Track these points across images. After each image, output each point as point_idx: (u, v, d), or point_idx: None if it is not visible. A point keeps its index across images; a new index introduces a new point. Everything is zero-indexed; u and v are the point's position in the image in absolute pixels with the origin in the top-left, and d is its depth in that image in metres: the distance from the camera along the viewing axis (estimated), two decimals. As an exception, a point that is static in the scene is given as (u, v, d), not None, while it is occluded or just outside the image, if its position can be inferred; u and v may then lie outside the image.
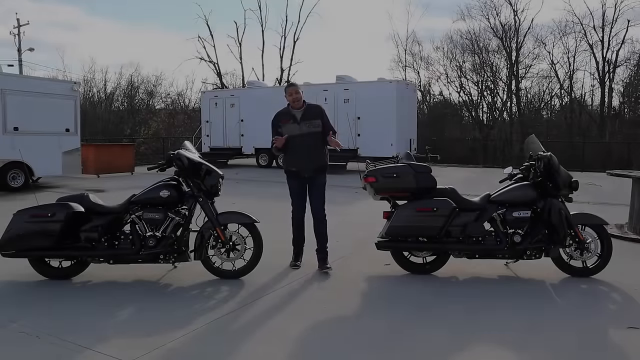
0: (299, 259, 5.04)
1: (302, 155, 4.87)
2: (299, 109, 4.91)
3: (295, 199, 5.03)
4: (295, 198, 5.03)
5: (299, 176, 4.92)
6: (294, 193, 5.02)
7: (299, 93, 4.91)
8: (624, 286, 4.47)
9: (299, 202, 5.02)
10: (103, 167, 14.99)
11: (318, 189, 4.97)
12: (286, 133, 4.83)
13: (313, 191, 4.97)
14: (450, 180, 11.08)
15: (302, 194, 5.00)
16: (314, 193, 4.97)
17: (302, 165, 4.89)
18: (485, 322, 3.68)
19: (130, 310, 3.91)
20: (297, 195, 5.01)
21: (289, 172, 5.00)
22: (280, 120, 4.95)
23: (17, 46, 30.08)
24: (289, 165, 4.97)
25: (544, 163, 4.58)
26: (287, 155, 5.01)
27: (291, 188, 5.04)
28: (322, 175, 5.01)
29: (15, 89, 11.42)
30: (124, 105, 33.53)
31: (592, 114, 28.18)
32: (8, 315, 3.74)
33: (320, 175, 4.99)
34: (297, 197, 5.01)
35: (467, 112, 30.98)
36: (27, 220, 4.42)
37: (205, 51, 35.41)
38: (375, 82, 17.21)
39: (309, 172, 4.90)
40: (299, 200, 5.01)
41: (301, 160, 4.88)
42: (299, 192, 5.00)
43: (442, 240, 4.63)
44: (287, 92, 4.94)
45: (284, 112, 5.00)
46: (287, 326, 3.58)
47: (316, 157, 4.93)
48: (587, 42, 26.79)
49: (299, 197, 5.01)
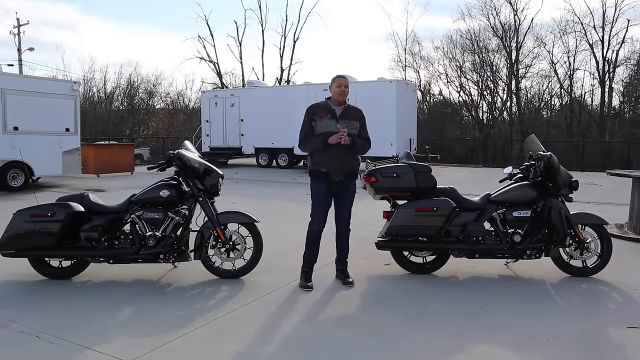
0: (309, 279, 4.45)
1: (336, 155, 4.27)
2: (340, 106, 4.43)
3: (318, 207, 4.40)
4: (318, 206, 4.40)
5: (328, 179, 4.33)
6: (319, 200, 4.39)
7: (347, 87, 4.42)
8: (624, 286, 4.47)
9: (322, 212, 4.40)
10: (103, 167, 15.00)
11: (348, 197, 4.46)
12: (321, 128, 4.30)
13: (342, 199, 4.45)
14: (450, 180, 11.11)
15: (327, 203, 4.42)
16: (344, 201, 4.46)
17: (334, 167, 4.30)
18: (485, 322, 3.68)
19: (130, 309, 3.91)
20: (321, 203, 4.39)
21: (317, 173, 4.38)
22: (317, 112, 4.38)
23: (17, 46, 30.13)
24: (319, 165, 4.34)
25: (544, 163, 4.58)
26: (316, 155, 4.37)
27: (316, 194, 4.41)
28: (353, 183, 4.47)
29: (15, 88, 11.42)
30: (124, 105, 33.55)
31: (592, 113, 28.18)
32: (8, 315, 3.74)
33: (351, 182, 4.45)
34: (321, 205, 4.39)
35: (467, 111, 30.98)
36: (27, 220, 4.42)
37: (205, 51, 35.52)
38: (375, 82, 17.22)
39: (339, 176, 4.33)
40: (322, 209, 4.40)
41: (333, 162, 4.29)
42: (325, 200, 4.40)
43: (442, 240, 4.64)
44: (336, 82, 4.40)
45: (321, 104, 4.47)
46: (287, 326, 3.58)
47: (349, 161, 4.36)
48: (587, 42, 26.84)
49: (323, 206, 4.39)
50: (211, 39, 33.63)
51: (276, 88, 24.30)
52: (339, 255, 4.60)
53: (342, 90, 4.38)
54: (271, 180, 14.31)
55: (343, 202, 4.48)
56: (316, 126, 4.33)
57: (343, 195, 4.45)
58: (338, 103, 4.43)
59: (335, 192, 4.42)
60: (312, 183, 4.46)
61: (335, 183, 4.36)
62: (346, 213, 4.51)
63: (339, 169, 4.33)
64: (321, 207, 4.40)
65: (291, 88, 22.77)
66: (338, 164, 4.31)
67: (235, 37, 34.37)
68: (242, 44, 33.37)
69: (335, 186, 4.39)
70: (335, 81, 4.42)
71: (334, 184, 4.37)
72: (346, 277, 4.52)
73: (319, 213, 4.41)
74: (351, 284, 4.45)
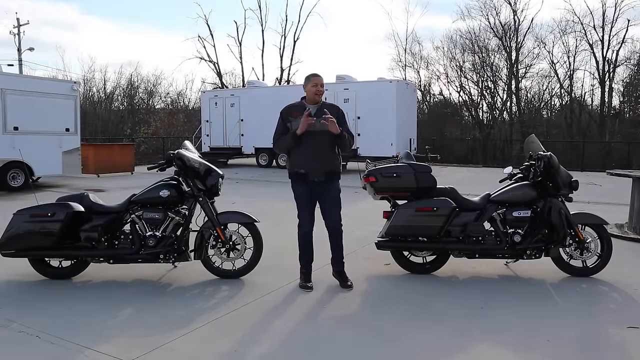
0: (309, 279, 4.41)
1: (312, 155, 4.19)
2: (316, 104, 4.34)
3: (302, 209, 4.34)
4: (302, 208, 4.33)
5: (307, 180, 4.26)
6: (301, 202, 4.32)
7: (323, 86, 4.33)
8: (624, 286, 4.47)
9: (307, 213, 4.32)
10: (103, 167, 15.00)
11: (332, 197, 4.32)
12: (296, 128, 4.20)
13: (326, 200, 4.33)
14: (450, 180, 11.10)
15: (311, 203, 4.32)
16: (328, 201, 4.33)
17: (311, 167, 4.21)
18: (485, 321, 3.68)
19: (130, 310, 3.91)
20: (305, 205, 4.31)
21: (296, 175, 4.31)
22: (292, 113, 4.30)
23: (17, 46, 30.14)
24: (296, 166, 4.28)
25: (544, 163, 4.58)
26: (293, 155, 4.30)
27: (298, 196, 4.34)
28: (336, 182, 4.36)
29: (15, 88, 11.42)
30: (124, 104, 33.55)
31: (592, 113, 28.17)
32: (8, 315, 3.74)
33: (333, 182, 4.33)
34: (305, 206, 4.32)
35: (467, 111, 30.97)
36: (27, 220, 4.42)
37: (205, 51, 35.49)
38: (375, 82, 17.22)
39: (319, 176, 4.23)
40: (307, 210, 4.32)
41: (311, 162, 4.21)
42: (308, 201, 4.30)
43: (442, 240, 4.64)
44: (312, 81, 4.29)
45: (297, 105, 4.38)
46: (287, 326, 3.58)
47: (328, 160, 4.26)
48: (587, 42, 26.79)
49: (307, 207, 4.31)
50: (211, 39, 33.66)
51: (276, 88, 24.28)
52: (334, 255, 4.49)
53: (317, 89, 4.29)
54: (271, 180, 14.31)
55: (328, 203, 4.34)
56: (291, 127, 4.24)
57: (326, 196, 4.33)
58: (313, 102, 4.33)
59: (317, 193, 4.31)
60: (292, 185, 4.38)
61: (316, 184, 4.26)
62: (334, 214, 4.36)
63: (317, 168, 4.22)
64: (305, 209, 4.33)
65: (291, 88, 22.75)
66: (316, 163, 4.21)
67: (235, 37, 34.38)
68: (242, 44, 33.40)
69: (316, 187, 4.28)
70: (311, 80, 4.30)
71: (315, 184, 4.26)
72: (345, 281, 4.41)
73: (304, 215, 4.35)
74: (350, 287, 4.37)
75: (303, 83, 4.42)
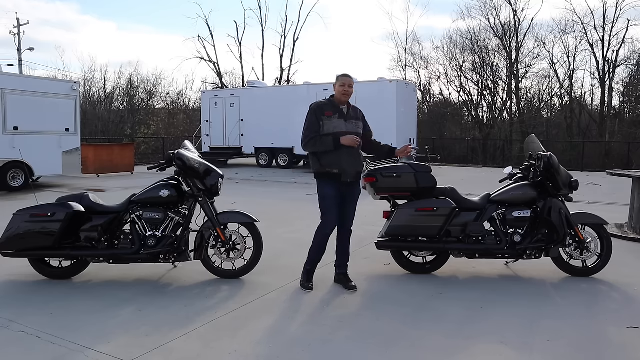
0: (310, 279, 4.41)
1: (347, 155, 4.18)
2: (343, 104, 4.32)
3: (330, 210, 4.26)
4: (331, 209, 4.25)
5: (340, 180, 4.22)
6: (331, 202, 4.24)
7: (352, 87, 4.31)
8: (624, 286, 4.47)
9: (335, 214, 4.27)
10: (103, 167, 15.00)
11: (355, 197, 4.38)
12: (330, 128, 4.17)
13: (350, 200, 4.34)
14: (450, 180, 11.10)
15: (339, 204, 4.29)
16: (351, 202, 4.36)
17: (346, 167, 4.19)
18: (485, 322, 3.68)
19: (130, 309, 3.91)
20: (334, 205, 4.25)
21: (328, 175, 4.22)
22: (325, 112, 4.21)
23: (17, 46, 30.13)
24: (331, 166, 4.19)
25: (544, 163, 4.58)
26: (327, 156, 4.20)
27: (327, 196, 4.25)
28: (358, 183, 4.40)
29: (15, 88, 11.42)
30: (124, 104, 33.54)
31: (592, 113, 28.19)
32: (8, 315, 3.74)
33: (358, 183, 4.38)
34: (334, 207, 4.25)
35: (467, 111, 30.99)
36: (27, 220, 4.42)
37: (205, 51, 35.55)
38: (375, 82, 17.21)
39: (351, 177, 4.23)
40: (335, 211, 4.26)
41: (344, 162, 4.18)
42: (337, 202, 4.26)
43: (442, 240, 4.64)
44: (340, 80, 4.28)
45: (327, 103, 4.31)
46: (287, 326, 3.58)
47: (358, 160, 4.31)
48: (588, 42, 26.82)
49: (335, 208, 4.26)
50: (211, 39, 33.81)
51: (276, 88, 24.29)
52: (339, 259, 4.49)
53: (345, 90, 4.27)
54: (271, 180, 14.31)
55: (350, 203, 4.37)
56: (323, 125, 4.19)
57: (350, 196, 4.35)
58: (341, 102, 4.33)
59: (343, 193, 4.31)
60: (321, 185, 4.29)
61: (344, 184, 4.26)
62: (352, 216, 4.42)
63: (350, 169, 4.23)
64: (334, 209, 4.27)
65: (291, 88, 22.77)
66: (349, 164, 4.21)
67: (235, 37, 34.48)
68: (242, 44, 33.44)
69: (345, 187, 4.28)
70: (339, 80, 4.30)
71: (344, 185, 4.26)
72: (349, 282, 4.42)
73: (331, 216, 4.28)
74: (354, 288, 4.36)
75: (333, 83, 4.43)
